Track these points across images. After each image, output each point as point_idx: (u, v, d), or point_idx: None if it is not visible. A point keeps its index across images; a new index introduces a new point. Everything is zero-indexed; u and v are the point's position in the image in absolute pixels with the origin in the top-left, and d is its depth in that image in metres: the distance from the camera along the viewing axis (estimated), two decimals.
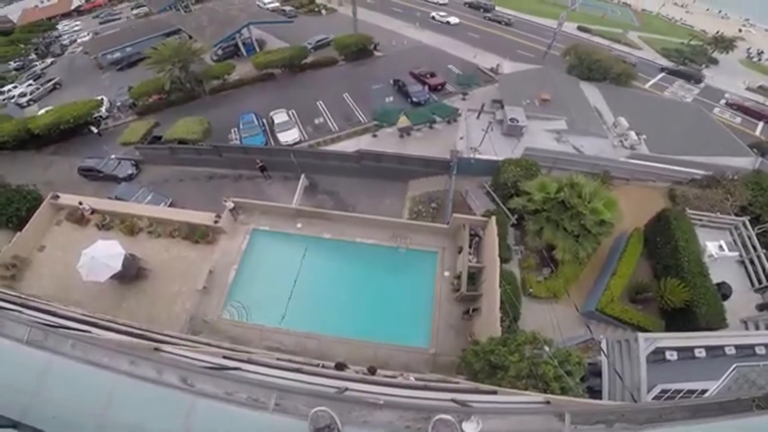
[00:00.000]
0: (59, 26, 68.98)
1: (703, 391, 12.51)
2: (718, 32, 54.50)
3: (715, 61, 51.64)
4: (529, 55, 43.98)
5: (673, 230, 18.44)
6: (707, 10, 78.42)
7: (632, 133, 27.12)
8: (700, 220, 20.06)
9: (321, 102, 34.20)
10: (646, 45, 53.60)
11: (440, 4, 58.52)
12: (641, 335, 13.34)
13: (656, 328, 17.30)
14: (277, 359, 11.12)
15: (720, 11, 77.89)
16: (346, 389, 5.47)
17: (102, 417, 3.26)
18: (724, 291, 17.38)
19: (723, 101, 41.89)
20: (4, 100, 43.06)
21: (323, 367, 11.88)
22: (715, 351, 12.95)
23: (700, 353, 12.87)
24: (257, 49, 43.46)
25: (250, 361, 8.44)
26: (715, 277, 17.49)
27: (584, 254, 17.74)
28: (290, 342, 16.14)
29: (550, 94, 29.92)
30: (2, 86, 45.58)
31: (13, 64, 54.15)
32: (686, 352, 12.99)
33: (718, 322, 16.19)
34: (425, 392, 7.16)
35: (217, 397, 3.41)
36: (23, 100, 41.69)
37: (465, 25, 51.76)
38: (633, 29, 58.90)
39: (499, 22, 54.14)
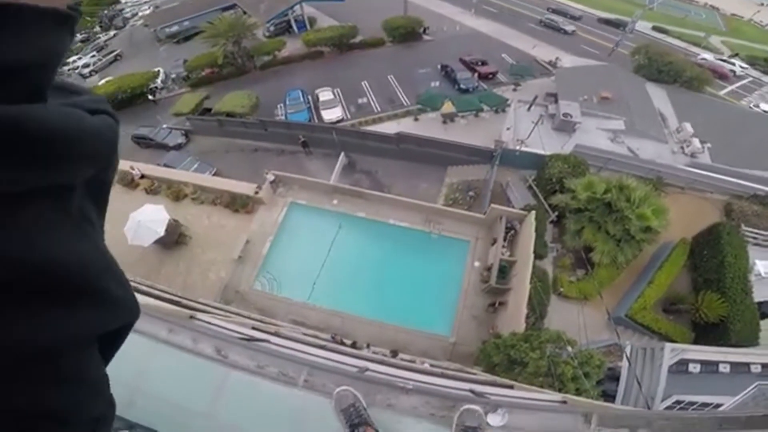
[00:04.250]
0: None
1: (718, 405, 12.45)
2: None
3: None
4: (593, 51, 41.60)
5: (723, 245, 17.56)
6: None
7: (695, 141, 25.22)
8: (755, 237, 19.01)
9: (366, 82, 34.15)
10: (729, 51, 49.15)
11: None
12: (668, 345, 13.32)
13: (685, 339, 16.89)
14: (303, 334, 11.39)
15: None
16: (367, 369, 5.50)
17: (135, 387, 3.34)
18: (764, 310, 16.86)
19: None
20: (69, 70, 45.40)
21: (338, 341, 12.11)
22: (740, 368, 12.86)
23: (725, 368, 12.77)
24: (308, 27, 43.65)
25: (277, 334, 8.67)
26: (760, 295, 16.92)
27: (623, 259, 17.04)
28: (315, 318, 16.49)
29: (612, 92, 28.28)
30: (69, 57, 47.44)
31: (79, 36, 56.46)
32: (710, 366, 12.93)
33: (750, 340, 15.86)
34: (444, 380, 7.11)
35: (249, 369, 3.45)
36: (86, 70, 44.14)
37: (526, 16, 49.65)
38: (718, 34, 54.03)
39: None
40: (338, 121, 29.48)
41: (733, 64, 41.95)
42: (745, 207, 21.50)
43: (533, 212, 16.85)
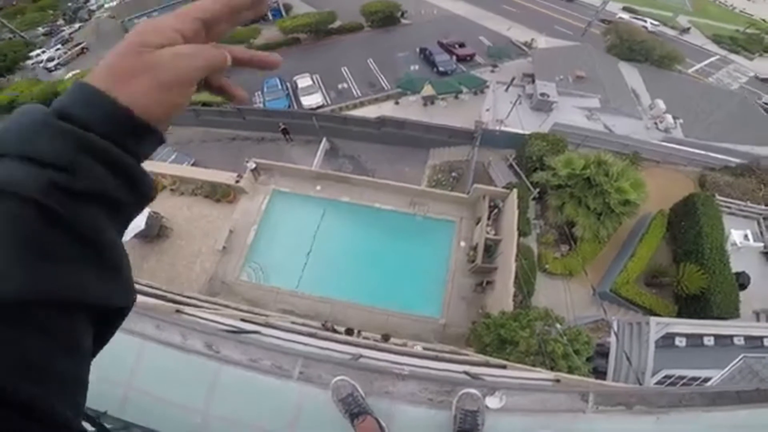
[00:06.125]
0: None
1: (706, 379, 12.53)
2: None
3: None
4: (566, 32, 42.01)
5: (699, 215, 17.88)
6: None
7: (668, 116, 25.95)
8: (729, 207, 19.39)
9: (345, 68, 33.80)
10: (696, 30, 50.57)
11: None
12: (653, 319, 13.36)
13: (668, 313, 17.06)
14: (293, 323, 11.30)
15: None
16: (360, 356, 5.48)
17: (128, 386, 3.26)
18: (742, 281, 17.07)
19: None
20: (32, 64, 44.06)
21: (329, 328, 12.08)
22: (723, 340, 13.00)
23: (709, 341, 12.91)
24: (284, 14, 42.74)
25: (267, 325, 8.58)
26: (736, 266, 17.13)
27: (605, 233, 17.35)
28: (304, 305, 16.33)
29: (586, 71, 28.80)
30: (31, 51, 46.40)
31: (41, 30, 54.52)
32: (695, 339, 13.05)
33: (731, 312, 15.99)
34: (438, 363, 7.17)
35: (242, 364, 3.38)
36: (51, 64, 42.45)
37: None
38: (684, 13, 55.10)
39: None
40: (318, 107, 29.15)
41: (645, 21, 45.65)
42: (717, 178, 22.22)
43: (515, 190, 17.06)
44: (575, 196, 17.57)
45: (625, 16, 46.46)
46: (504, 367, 8.96)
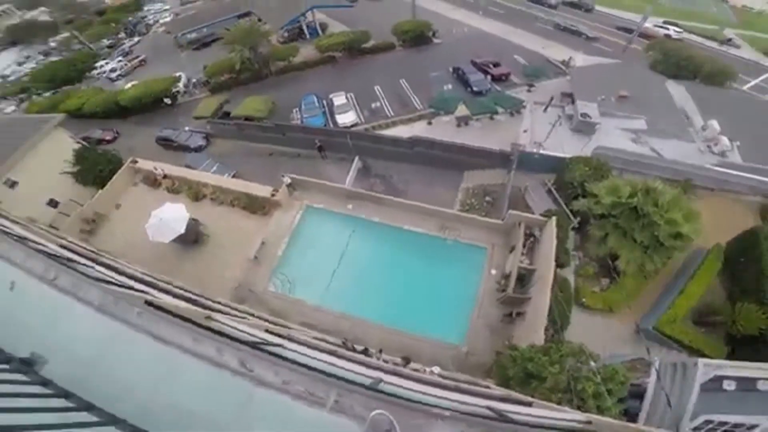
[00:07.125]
0: (145, 7, 74.63)
1: (751, 427, 11.31)
2: None
3: None
4: (606, 49, 40.63)
5: (762, 251, 16.30)
6: None
7: (724, 139, 23.98)
8: None
9: (378, 87, 34.33)
10: (745, 43, 47.67)
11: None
12: (702, 360, 12.09)
13: (717, 354, 15.62)
14: (315, 338, 11.13)
15: None
16: (381, 381, 5.27)
17: (153, 395, 3.23)
18: None
19: None
20: (97, 74, 48.98)
21: (350, 347, 11.79)
22: None
23: (765, 386, 11.45)
24: (320, 33, 44.55)
25: (289, 338, 8.46)
26: None
27: (652, 267, 16.11)
28: (326, 320, 16.29)
29: (629, 90, 27.56)
30: (96, 62, 51.52)
31: (106, 42, 60.27)
32: (747, 383, 11.63)
33: None
34: (461, 395, 6.76)
35: (275, 386, 3.29)
36: (114, 74, 46.82)
37: (532, 15, 48.69)
38: (729, 26, 52.44)
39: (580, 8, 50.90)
40: (352, 126, 29.60)
41: (668, 29, 43.91)
42: None
43: (554, 218, 16.22)
44: (620, 227, 16.35)
45: (649, 25, 43.65)
46: (530, 404, 8.42)
